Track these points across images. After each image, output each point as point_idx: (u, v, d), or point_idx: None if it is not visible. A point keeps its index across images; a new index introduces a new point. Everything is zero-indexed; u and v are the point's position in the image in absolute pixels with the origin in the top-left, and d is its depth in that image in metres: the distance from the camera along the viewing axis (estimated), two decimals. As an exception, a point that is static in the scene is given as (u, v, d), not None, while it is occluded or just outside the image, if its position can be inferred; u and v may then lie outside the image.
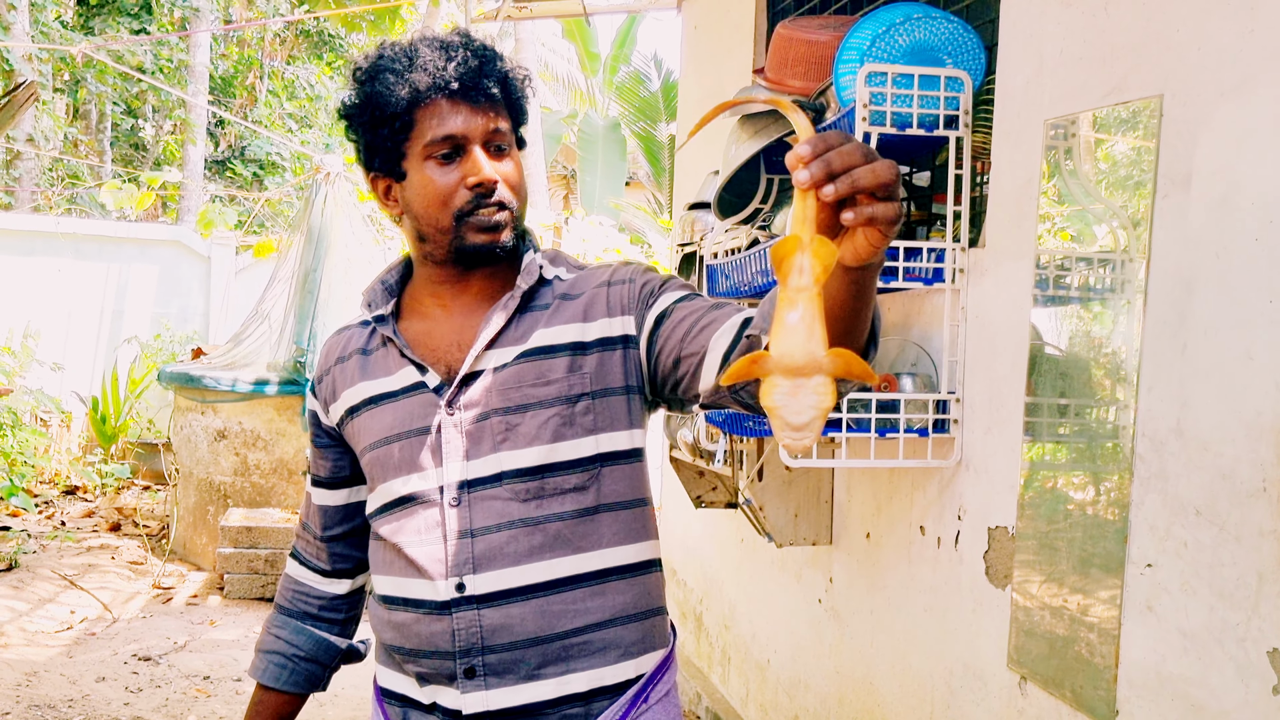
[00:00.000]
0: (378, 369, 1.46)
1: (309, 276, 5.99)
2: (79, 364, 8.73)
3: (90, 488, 7.94)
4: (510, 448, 1.36)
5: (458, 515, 1.36)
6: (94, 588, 5.58)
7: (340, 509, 1.60)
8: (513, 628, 1.34)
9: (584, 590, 1.36)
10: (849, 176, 0.86)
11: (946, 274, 2.36)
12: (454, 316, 1.44)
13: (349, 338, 1.54)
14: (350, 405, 1.48)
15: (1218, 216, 1.71)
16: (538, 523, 1.35)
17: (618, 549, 1.39)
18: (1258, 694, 1.61)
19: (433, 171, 1.38)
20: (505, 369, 1.38)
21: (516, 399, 1.36)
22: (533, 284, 1.42)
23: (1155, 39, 1.85)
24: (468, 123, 1.37)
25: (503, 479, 1.36)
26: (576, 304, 1.41)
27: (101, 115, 12.35)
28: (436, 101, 1.36)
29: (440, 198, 1.38)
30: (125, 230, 9.26)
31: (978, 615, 2.30)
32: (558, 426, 1.35)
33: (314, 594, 1.62)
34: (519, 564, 1.34)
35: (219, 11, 12.26)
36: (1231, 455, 1.67)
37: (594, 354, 1.38)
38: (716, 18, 4.10)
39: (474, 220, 1.37)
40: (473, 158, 1.37)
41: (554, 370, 1.37)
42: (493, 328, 1.39)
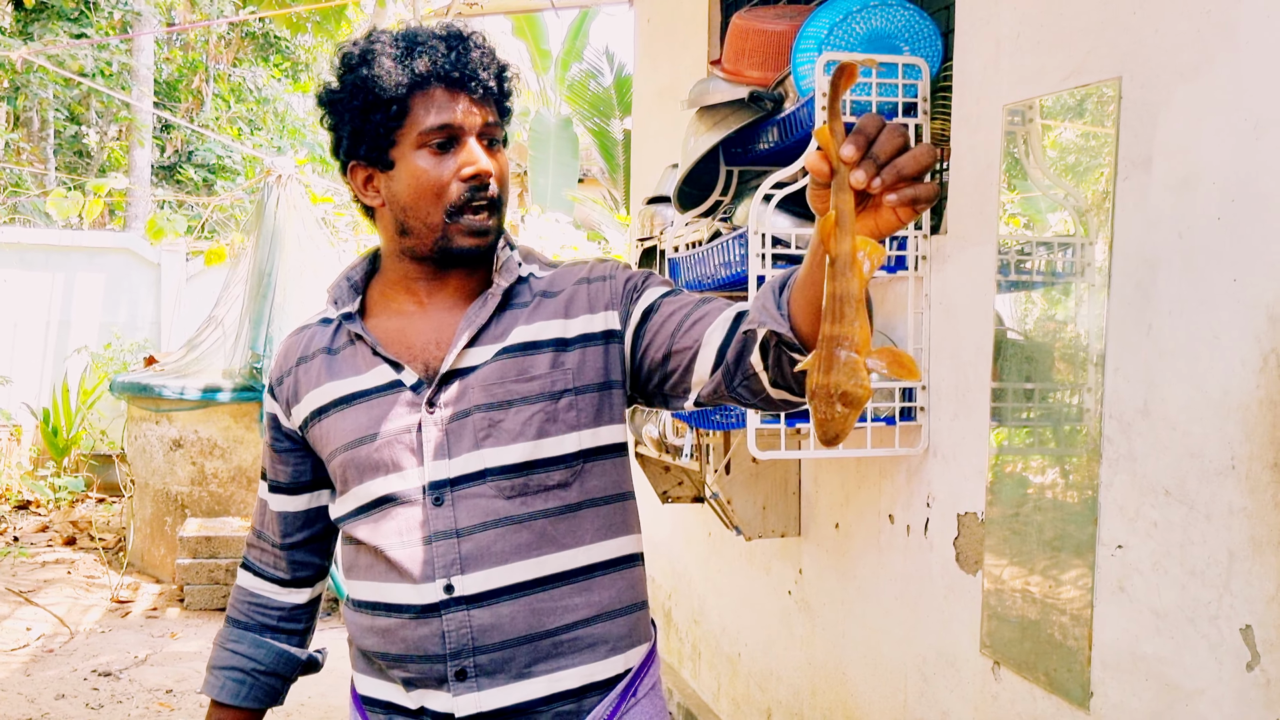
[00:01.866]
0: (346, 368, 1.42)
1: (263, 280, 5.91)
2: (26, 376, 8.57)
3: (43, 502, 7.78)
4: (494, 445, 1.33)
5: (442, 515, 1.34)
6: (50, 603, 5.47)
7: (301, 515, 1.55)
8: (503, 627, 1.32)
9: (571, 586, 1.35)
10: (893, 167, 0.89)
11: (909, 261, 2.36)
12: (431, 313, 1.42)
13: (310, 336, 1.49)
14: (317, 406, 1.44)
15: (1179, 197, 1.72)
16: (523, 520, 1.33)
17: (602, 544, 1.38)
18: (1231, 671, 1.62)
19: (425, 161, 1.35)
20: (486, 366, 1.36)
21: (500, 395, 1.34)
22: (512, 281, 1.41)
23: (1112, 22, 1.86)
24: (465, 114, 1.34)
25: (486, 476, 1.34)
26: (557, 301, 1.39)
27: (44, 122, 12.12)
28: (434, 90, 1.34)
29: (433, 189, 1.35)
30: (72, 239, 9.10)
31: (949, 602, 2.31)
32: (542, 423, 1.34)
33: (272, 605, 1.58)
34: (507, 562, 1.33)
35: (161, 14, 12.06)
36: (1199, 434, 1.68)
37: (576, 350, 1.37)
38: (670, 10, 4.08)
39: (464, 222, 1.35)
40: (468, 148, 1.35)
41: (536, 366, 1.35)
42: (474, 325, 1.37)
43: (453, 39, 1.36)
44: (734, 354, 1.21)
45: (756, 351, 1.18)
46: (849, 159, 0.89)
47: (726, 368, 1.23)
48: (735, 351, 1.21)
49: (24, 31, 10.91)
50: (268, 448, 1.56)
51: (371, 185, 1.41)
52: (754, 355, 1.18)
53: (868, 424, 2.34)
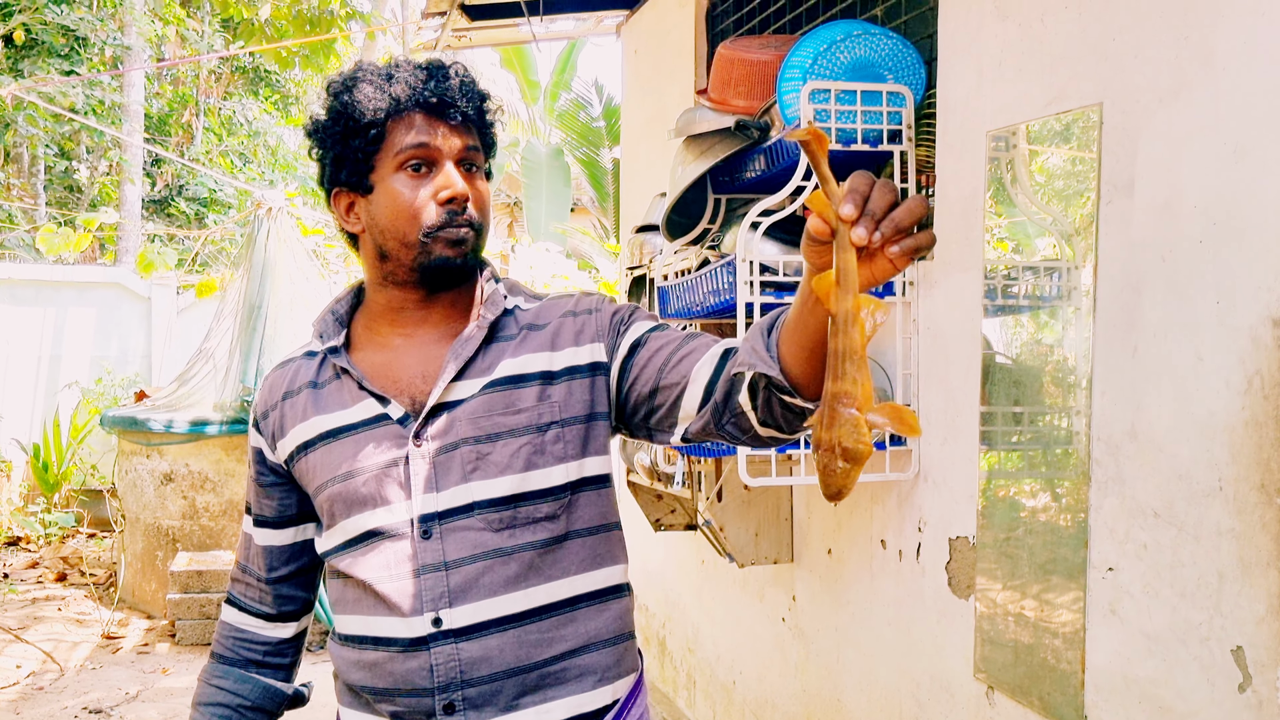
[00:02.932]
0: (332, 402, 1.42)
1: (254, 313, 5.91)
2: (17, 411, 8.53)
3: (34, 538, 7.74)
4: (481, 477, 1.34)
5: (430, 548, 1.34)
6: (40, 640, 5.43)
7: (286, 549, 1.54)
8: (491, 659, 1.32)
9: (558, 618, 1.35)
10: (891, 221, 0.93)
11: (896, 286, 2.38)
12: (417, 346, 1.42)
13: (295, 370, 1.49)
14: (303, 441, 1.44)
15: (1161, 220, 1.73)
16: (511, 552, 1.34)
17: (588, 575, 1.38)
18: (1224, 693, 1.62)
19: (402, 184, 1.36)
20: (473, 399, 1.36)
21: (487, 428, 1.35)
22: (498, 313, 1.41)
23: (1092, 49, 1.88)
24: (442, 137, 1.36)
25: (474, 509, 1.34)
26: (543, 333, 1.40)
27: (34, 158, 12.14)
28: (412, 114, 1.36)
29: (409, 212, 1.36)
30: (63, 273, 9.09)
31: (942, 626, 2.30)
32: (529, 455, 1.34)
33: (257, 640, 1.57)
34: (496, 595, 1.33)
35: (151, 49, 12.11)
36: (1187, 456, 1.69)
37: (562, 382, 1.37)
38: (656, 41, 4.12)
39: (443, 235, 1.36)
40: (445, 172, 1.36)
41: (523, 399, 1.36)
42: (461, 359, 1.37)
43: (432, 68, 1.38)
44: (722, 392, 1.22)
45: (745, 391, 1.19)
46: (848, 218, 0.93)
47: (715, 405, 1.24)
48: (723, 390, 1.22)
49: (14, 68, 10.95)
50: (252, 482, 1.55)
51: (353, 212, 1.43)
52: (742, 394, 1.19)
53: (858, 449, 2.34)
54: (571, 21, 4.91)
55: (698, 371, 1.26)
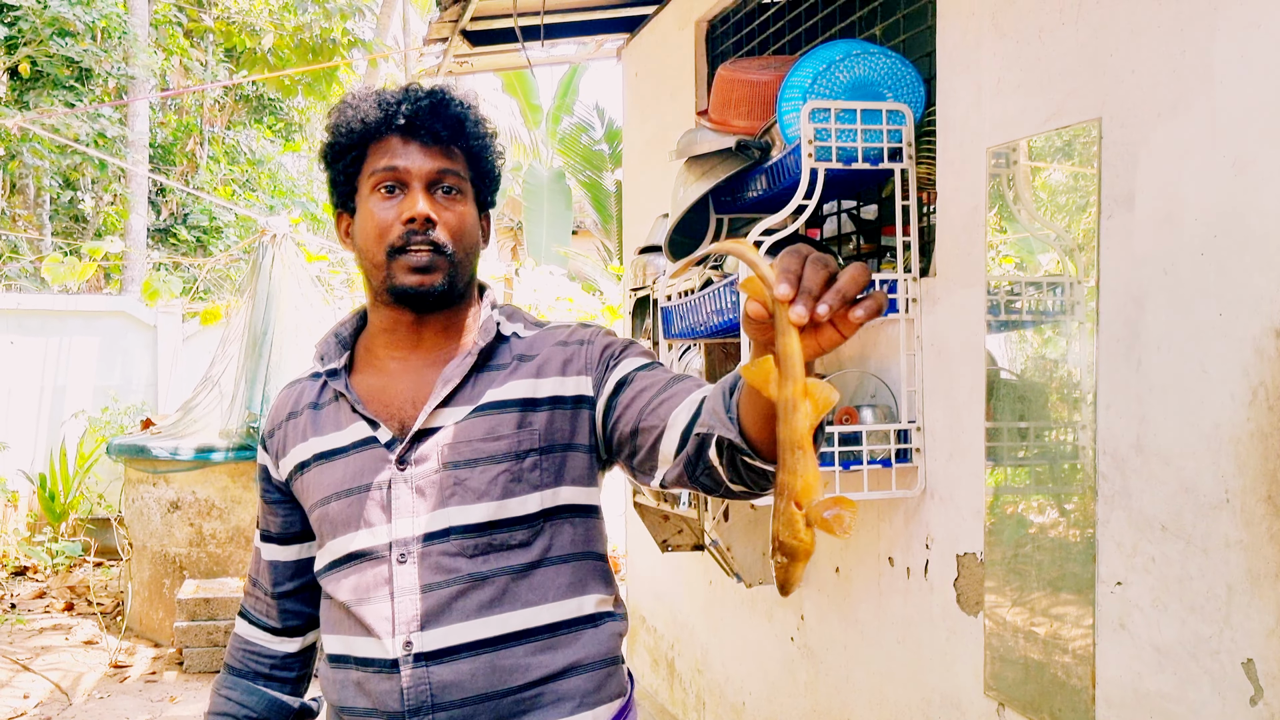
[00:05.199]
0: (328, 424, 1.45)
1: (259, 340, 5.92)
2: (23, 441, 8.53)
3: (41, 567, 7.74)
4: (459, 503, 1.35)
5: (406, 572, 1.35)
6: (48, 669, 5.42)
7: (291, 564, 1.56)
8: (462, 684, 1.33)
9: (534, 645, 1.35)
10: (838, 292, 0.88)
11: (900, 304, 2.38)
12: (409, 372, 1.44)
13: (300, 391, 1.52)
14: (300, 461, 1.46)
15: (1163, 234, 1.74)
16: (485, 578, 1.34)
17: (565, 602, 1.38)
18: (1235, 706, 1.61)
19: (375, 204, 1.39)
20: (457, 425, 1.37)
21: (466, 454, 1.36)
22: (490, 341, 1.42)
23: (1090, 64, 1.89)
24: (412, 159, 1.38)
25: (451, 534, 1.35)
26: (532, 363, 1.41)
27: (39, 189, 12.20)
28: (388, 137, 1.39)
29: (377, 230, 1.38)
30: (68, 303, 9.11)
31: (951, 644, 2.29)
32: (506, 482, 1.35)
33: (265, 653, 1.58)
34: (468, 619, 1.33)
35: (155, 79, 12.18)
36: (1193, 468, 1.69)
37: (544, 411, 1.38)
38: (657, 64, 4.14)
39: (404, 259, 1.37)
40: (411, 194, 1.38)
41: (503, 426, 1.36)
42: (448, 386, 1.38)
43: (413, 91, 1.40)
44: (694, 446, 1.22)
45: (713, 448, 1.18)
46: (784, 297, 0.88)
47: (688, 458, 1.23)
48: (695, 444, 1.22)
49: (19, 100, 11.02)
50: (260, 499, 1.58)
51: (348, 233, 1.47)
52: (711, 451, 1.19)
53: (864, 467, 2.34)
54: (573, 46, 4.94)
55: (675, 417, 1.25)
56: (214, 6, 13.76)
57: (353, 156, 1.41)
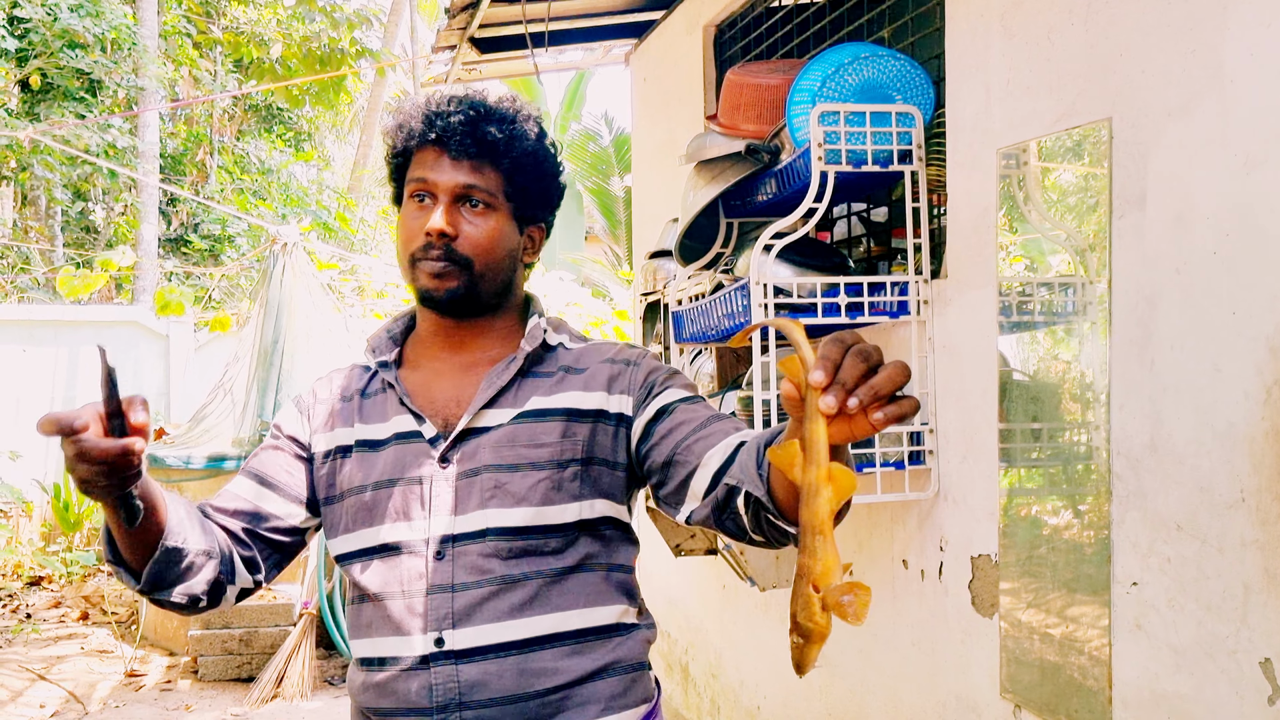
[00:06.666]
0: (373, 414, 1.47)
1: (270, 348, 5.94)
2: (34, 451, 8.57)
3: (55, 577, 7.77)
4: (498, 506, 1.37)
5: (441, 569, 1.36)
6: (63, 679, 5.44)
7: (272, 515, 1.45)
8: (490, 684, 1.34)
9: (563, 649, 1.37)
10: (870, 388, 0.90)
11: (911, 306, 2.38)
12: (453, 372, 1.47)
13: (351, 377, 1.54)
14: (340, 445, 1.47)
15: (1175, 233, 1.74)
16: (518, 581, 1.36)
17: (595, 609, 1.40)
18: (1253, 706, 1.61)
19: (408, 211, 1.45)
20: (501, 428, 1.39)
21: (509, 458, 1.38)
22: (536, 348, 1.45)
23: (1100, 64, 1.89)
24: (440, 173, 1.42)
25: (488, 535, 1.36)
26: (580, 377, 1.44)
27: (51, 200, 12.26)
28: (426, 147, 1.44)
29: (405, 237, 1.44)
30: (80, 313, 9.15)
31: (967, 646, 2.29)
32: (547, 490, 1.37)
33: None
34: (499, 620, 1.35)
35: (165, 90, 12.24)
36: (1208, 468, 1.68)
37: (588, 424, 1.40)
38: (665, 69, 4.14)
39: (421, 266, 1.42)
40: (435, 207, 1.41)
41: (548, 434, 1.39)
42: (494, 387, 1.41)
43: (453, 104, 1.43)
44: (723, 492, 1.25)
45: (741, 499, 1.21)
46: (817, 384, 0.90)
47: (716, 500, 1.25)
48: (724, 491, 1.24)
49: (30, 112, 11.08)
50: (272, 452, 1.50)
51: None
52: (739, 501, 1.22)
53: (876, 469, 2.34)
54: (580, 52, 4.95)
55: (709, 458, 1.28)
56: (222, 17, 13.83)
57: (399, 162, 1.48)
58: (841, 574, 0.92)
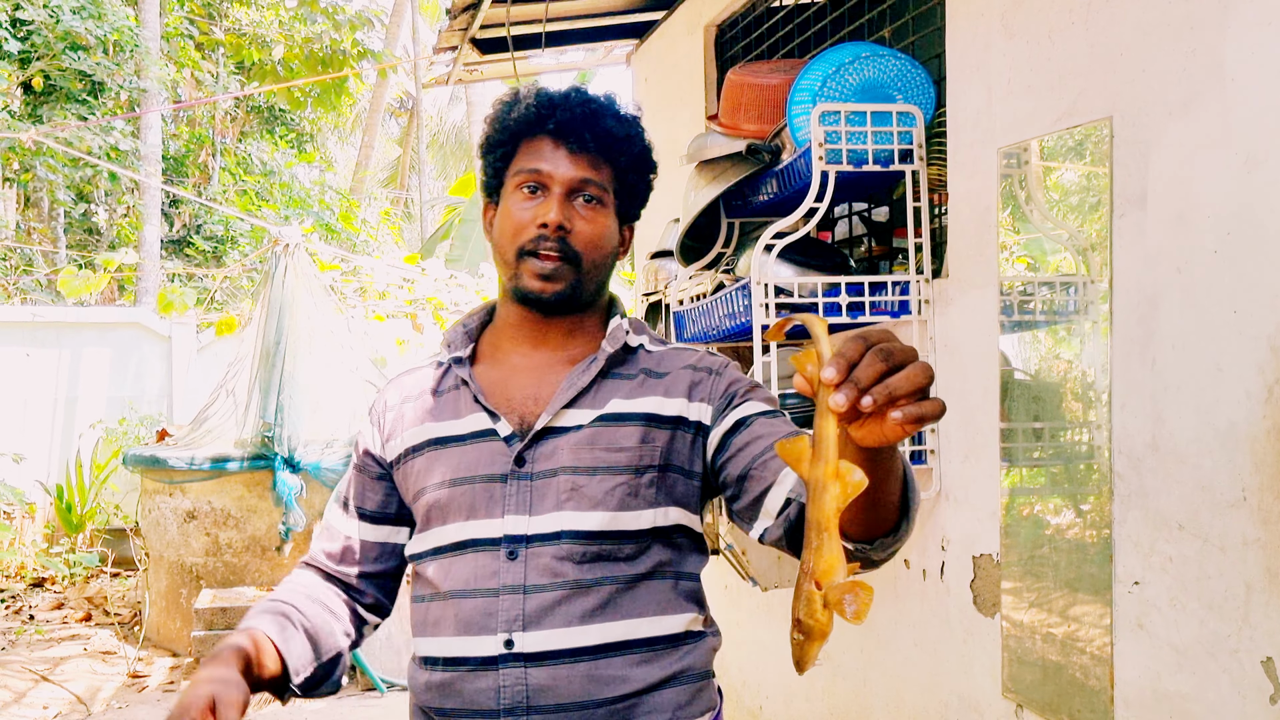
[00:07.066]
0: (446, 411, 1.44)
1: (272, 350, 5.94)
2: (39, 452, 8.57)
3: (58, 578, 7.77)
4: (574, 508, 1.34)
5: (513, 569, 1.34)
6: (66, 680, 5.44)
7: (377, 546, 1.52)
8: (559, 689, 1.31)
9: (633, 656, 1.35)
10: (884, 387, 0.87)
11: (912, 306, 2.38)
12: (534, 368, 1.44)
13: (419, 377, 1.52)
14: (412, 444, 1.45)
15: (1176, 232, 1.73)
16: (590, 585, 1.34)
17: (666, 618, 1.38)
18: (1255, 705, 1.61)
19: (515, 201, 1.40)
20: (580, 430, 1.37)
21: (587, 461, 1.35)
22: (618, 349, 1.42)
23: (1101, 63, 1.89)
24: (557, 164, 1.39)
25: (562, 538, 1.34)
26: (661, 381, 1.41)
27: (54, 202, 12.27)
28: (539, 138, 1.40)
29: (513, 229, 1.39)
30: (83, 315, 9.16)
31: (969, 645, 2.29)
32: (623, 495, 1.34)
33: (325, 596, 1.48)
34: (569, 625, 1.32)
35: (167, 92, 12.24)
36: (1209, 467, 1.68)
37: (666, 430, 1.37)
38: (666, 69, 4.15)
39: (531, 261, 1.38)
40: (550, 198, 1.38)
41: (627, 439, 1.36)
42: (575, 388, 1.38)
43: (573, 96, 1.41)
44: (795, 510, 1.21)
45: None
46: (829, 381, 0.88)
47: (788, 520, 1.23)
48: (796, 509, 1.22)
49: (33, 114, 11.09)
50: (358, 475, 1.54)
51: (491, 223, 1.48)
52: None
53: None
54: (582, 52, 4.95)
55: (785, 475, 1.25)
56: (224, 19, 13.84)
57: (504, 151, 1.43)
58: (845, 572, 0.91)
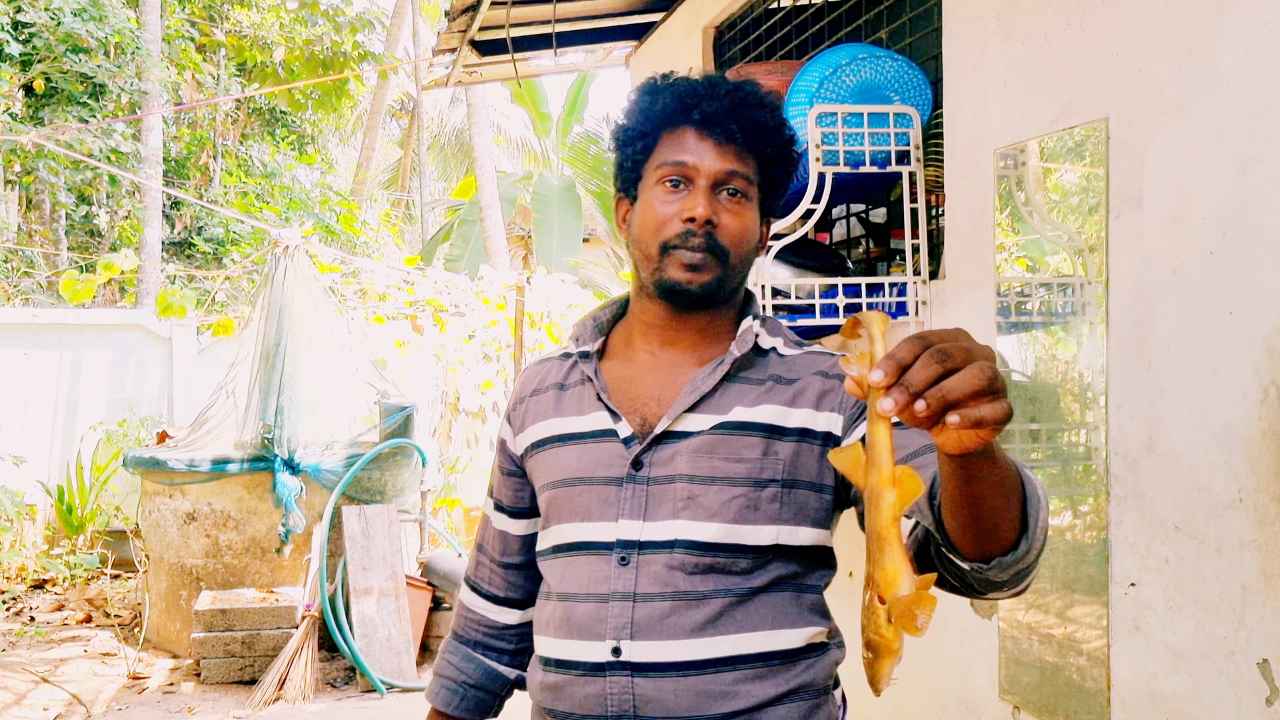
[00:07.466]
0: (570, 406, 1.42)
1: (272, 352, 5.94)
2: (37, 454, 8.58)
3: (59, 580, 7.78)
4: (690, 518, 1.29)
5: (624, 575, 1.31)
6: (66, 681, 5.44)
7: (518, 539, 1.53)
8: (665, 702, 1.28)
9: (745, 672, 1.29)
10: (938, 391, 0.81)
11: (910, 307, 2.38)
12: (659, 368, 1.39)
13: (548, 370, 1.49)
14: (537, 439, 1.43)
15: (1171, 233, 1.73)
16: (701, 598, 1.29)
17: (783, 632, 1.32)
18: (1251, 706, 1.61)
19: (656, 196, 1.35)
20: (700, 436, 1.31)
21: (705, 470, 1.30)
22: (746, 352, 1.36)
23: (1097, 64, 1.89)
24: (702, 157, 1.33)
25: (675, 547, 1.29)
26: (788, 389, 1.34)
27: (55, 204, 12.28)
28: (682, 129, 1.34)
29: (655, 224, 1.34)
30: (84, 317, 9.16)
31: (966, 647, 2.29)
32: (741, 507, 1.29)
33: (485, 622, 1.57)
34: (678, 638, 1.28)
35: (168, 94, 12.25)
36: (1205, 468, 1.68)
37: (790, 442, 1.31)
38: (665, 70, 4.15)
39: (676, 255, 1.32)
40: (695, 192, 1.32)
41: (748, 450, 1.30)
42: (698, 392, 1.33)
43: (716, 86, 1.35)
44: (922, 530, 1.14)
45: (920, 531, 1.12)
46: (876, 384, 0.82)
47: (917, 539, 1.14)
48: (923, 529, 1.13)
49: (34, 117, 11.09)
50: (497, 469, 1.55)
51: (625, 219, 1.43)
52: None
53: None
54: (581, 54, 4.96)
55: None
56: (225, 21, 13.85)
57: (643, 144, 1.37)
58: (910, 584, 0.86)
